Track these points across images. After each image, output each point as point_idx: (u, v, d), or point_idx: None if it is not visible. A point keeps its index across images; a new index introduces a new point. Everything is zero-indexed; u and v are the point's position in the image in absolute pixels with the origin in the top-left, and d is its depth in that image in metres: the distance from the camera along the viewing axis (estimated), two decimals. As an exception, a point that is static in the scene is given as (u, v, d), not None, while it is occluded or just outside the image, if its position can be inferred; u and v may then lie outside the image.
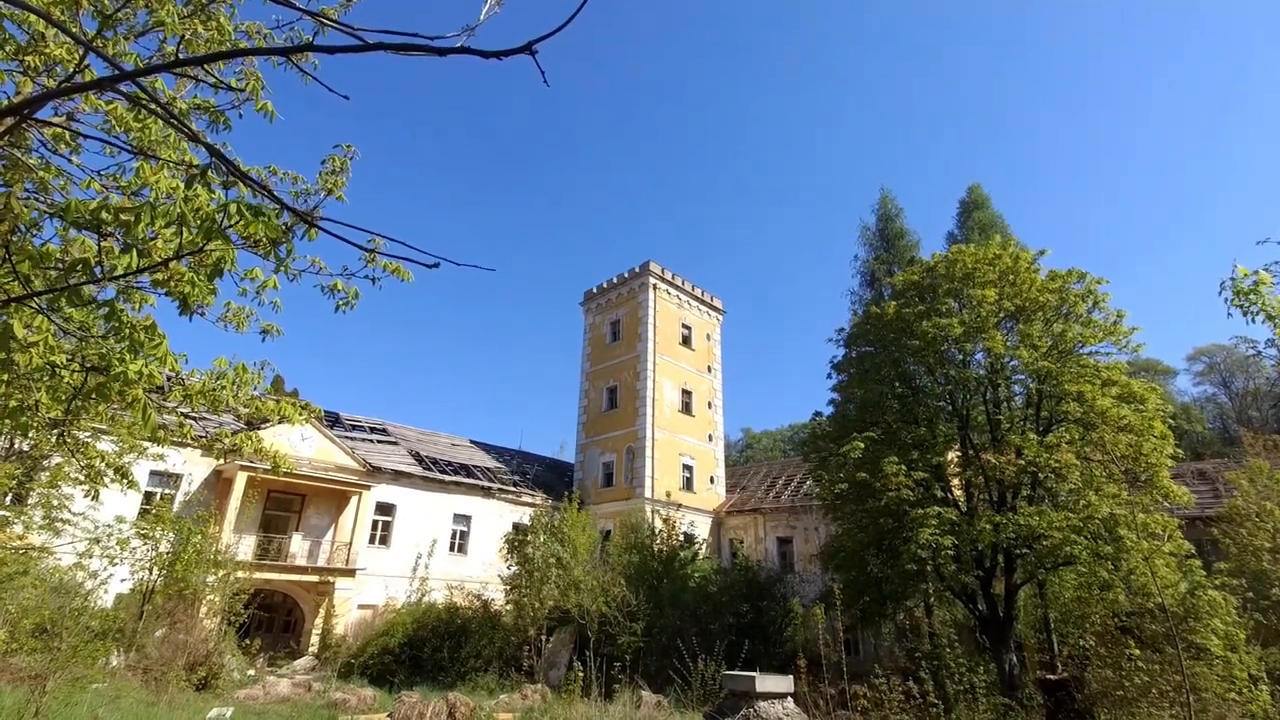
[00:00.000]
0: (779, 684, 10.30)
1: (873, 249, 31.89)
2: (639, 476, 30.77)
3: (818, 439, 19.41)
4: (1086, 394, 13.71)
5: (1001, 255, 15.84)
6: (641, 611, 18.50)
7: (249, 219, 3.24)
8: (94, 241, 3.67)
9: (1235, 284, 4.32)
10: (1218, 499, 18.45)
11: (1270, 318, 4.17)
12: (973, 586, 15.69)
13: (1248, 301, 4.25)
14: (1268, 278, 4.18)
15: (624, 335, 34.86)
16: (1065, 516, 13.18)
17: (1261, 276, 4.19)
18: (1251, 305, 4.24)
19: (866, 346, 18.65)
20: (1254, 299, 4.22)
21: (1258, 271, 4.21)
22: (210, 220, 3.34)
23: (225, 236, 3.35)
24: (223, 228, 3.28)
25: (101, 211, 3.42)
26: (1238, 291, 4.30)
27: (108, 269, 3.61)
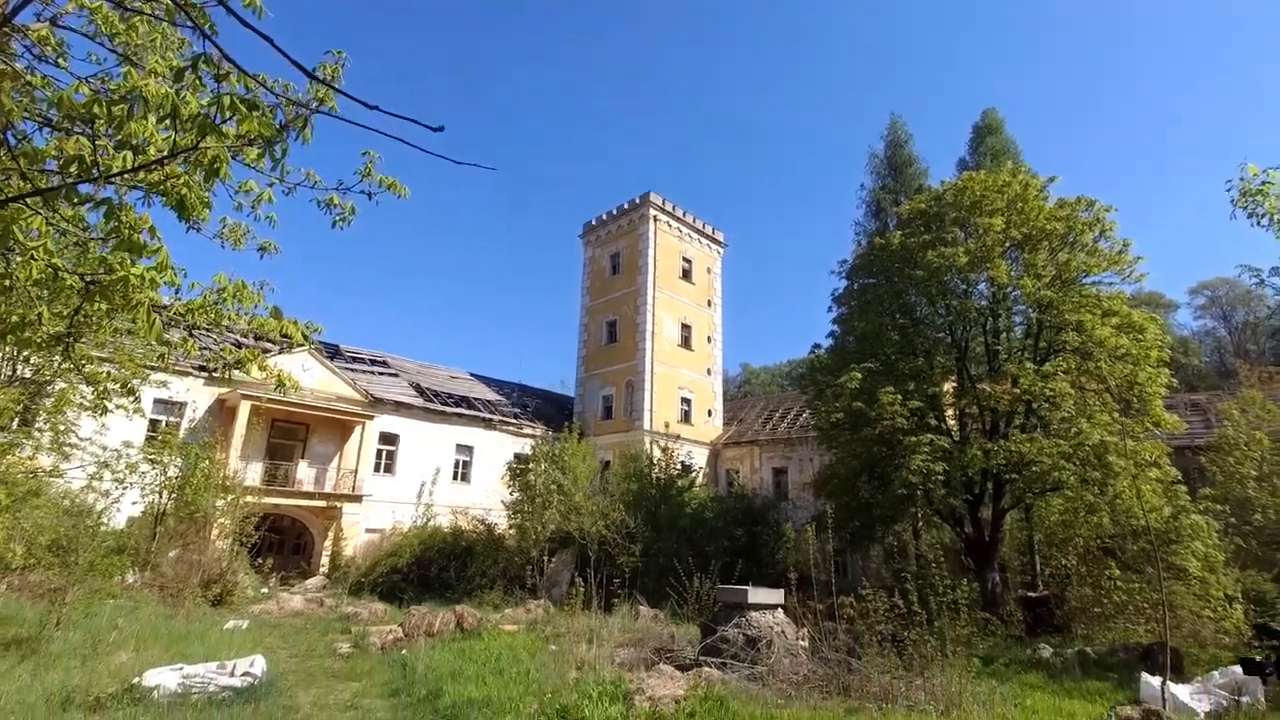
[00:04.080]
0: (770, 596, 10.80)
1: (880, 178, 31.11)
2: (638, 409, 31.16)
3: (816, 371, 19.58)
4: (1086, 323, 13.74)
5: (1011, 183, 15.50)
6: (640, 535, 19.14)
7: (243, 113, 3.12)
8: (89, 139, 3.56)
9: (1244, 184, 4.19)
10: (1209, 429, 18.80)
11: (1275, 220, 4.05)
12: (961, 511, 16.19)
13: (1253, 203, 4.13)
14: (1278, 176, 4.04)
15: (624, 268, 34.51)
16: (1056, 444, 13.47)
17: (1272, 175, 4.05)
18: (1258, 207, 4.12)
19: (869, 279, 18.53)
20: (1260, 199, 4.10)
21: (1268, 170, 4.07)
22: (203, 116, 3.22)
23: (220, 131, 3.24)
24: (216, 122, 3.17)
25: (94, 105, 3.29)
26: (1244, 192, 4.17)
27: (104, 168, 3.51)
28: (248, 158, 4.08)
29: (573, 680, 8.25)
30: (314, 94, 4.46)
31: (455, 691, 7.89)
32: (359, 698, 8.08)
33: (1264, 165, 4.32)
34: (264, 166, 3.95)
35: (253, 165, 4.12)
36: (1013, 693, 8.88)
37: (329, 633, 12.58)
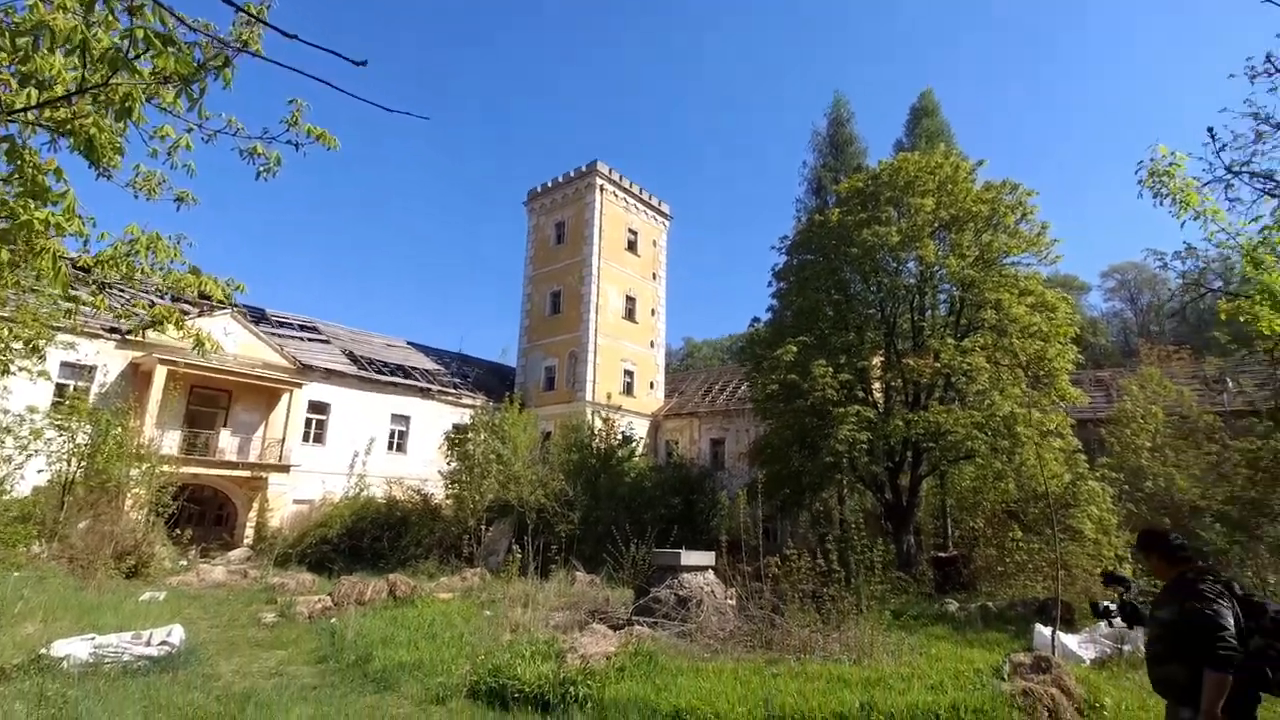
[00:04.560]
0: (702, 559, 11.24)
1: (821, 155, 31.73)
2: (580, 380, 31.20)
3: (755, 344, 20.09)
4: (1004, 302, 14.63)
5: (942, 165, 16.17)
6: (579, 503, 19.37)
7: (158, 48, 2.97)
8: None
9: (1153, 164, 4.49)
10: (1110, 403, 20.39)
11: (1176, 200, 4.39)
12: (882, 478, 17.13)
13: (1159, 183, 4.45)
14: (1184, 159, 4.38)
15: (569, 238, 34.15)
16: (970, 414, 14.39)
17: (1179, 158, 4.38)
18: (1163, 187, 4.45)
19: (808, 255, 19.03)
20: (1166, 180, 4.42)
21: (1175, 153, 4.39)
22: (114, 51, 3.04)
23: (132, 67, 3.07)
24: (129, 57, 3.00)
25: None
26: (1152, 172, 4.47)
27: (5, 104, 3.27)
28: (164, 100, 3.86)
29: (506, 642, 8.40)
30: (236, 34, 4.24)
31: (386, 656, 7.90)
32: (285, 665, 7.98)
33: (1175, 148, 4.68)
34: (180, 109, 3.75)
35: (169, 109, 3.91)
36: (920, 643, 9.61)
37: (253, 603, 12.28)
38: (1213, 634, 3.05)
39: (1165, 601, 3.40)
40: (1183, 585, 3.33)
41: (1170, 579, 3.45)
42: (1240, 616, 3.11)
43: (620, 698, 6.38)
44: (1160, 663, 3.36)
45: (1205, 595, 3.18)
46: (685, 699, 6.40)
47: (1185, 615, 3.19)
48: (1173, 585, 3.40)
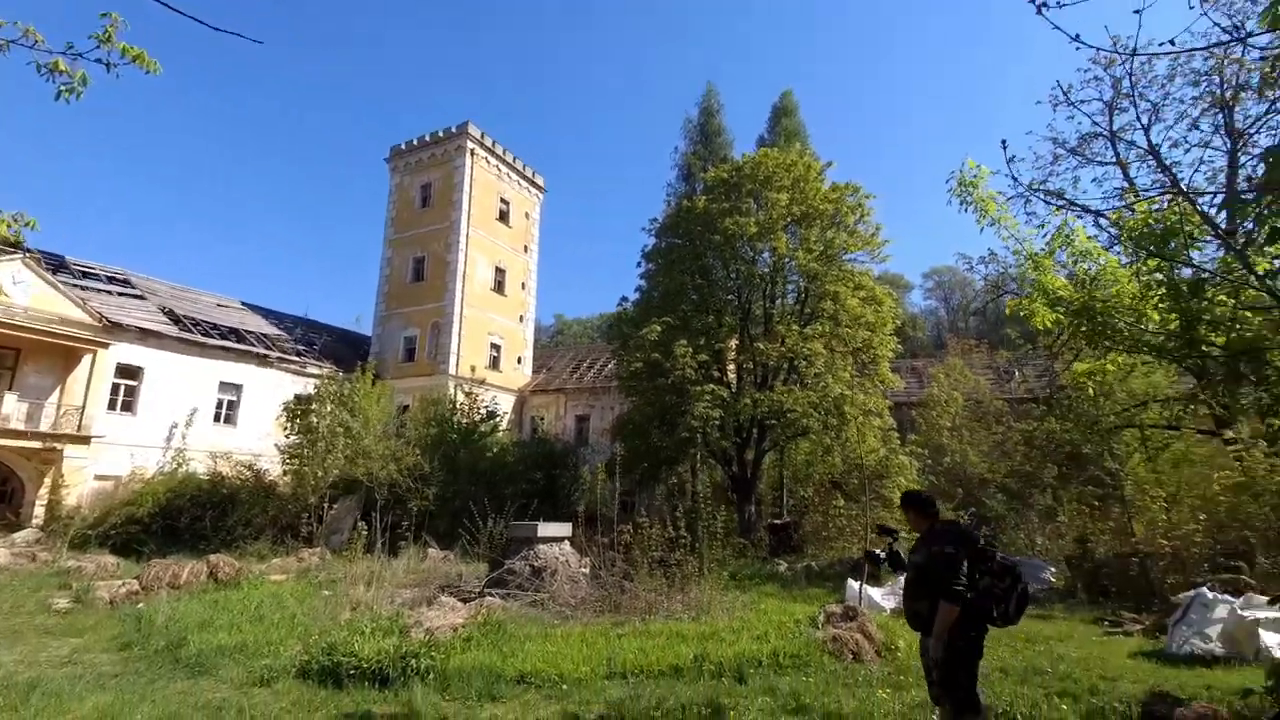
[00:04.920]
0: (558, 530, 11.44)
1: (692, 142, 32.68)
2: (444, 353, 30.02)
3: (622, 323, 20.53)
4: (841, 294, 16.18)
5: (797, 163, 17.43)
6: (435, 478, 18.81)
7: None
8: None
9: (961, 175, 5.17)
10: (921, 389, 23.29)
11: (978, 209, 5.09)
12: (731, 452, 18.36)
13: (966, 193, 5.14)
14: (987, 172, 5.06)
15: (435, 202, 32.46)
16: (808, 395, 15.82)
17: (982, 171, 5.06)
18: (969, 196, 5.14)
19: (675, 239, 19.69)
20: (972, 189, 5.11)
21: (980, 166, 5.07)
22: None
23: None
24: None
25: None
26: (961, 182, 5.15)
27: None
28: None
29: (345, 621, 8.07)
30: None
31: (203, 641, 7.27)
32: (80, 653, 7.10)
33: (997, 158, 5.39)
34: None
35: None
36: (752, 600, 10.54)
37: (43, 589, 10.72)
38: (948, 573, 3.70)
39: (918, 548, 4.08)
40: (932, 535, 4.00)
41: (924, 530, 4.11)
42: (973, 561, 3.78)
43: (465, 667, 6.40)
44: (912, 599, 4.04)
45: (947, 543, 3.84)
46: (531, 663, 6.56)
47: (932, 558, 3.84)
48: (925, 535, 4.08)
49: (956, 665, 3.73)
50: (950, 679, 3.75)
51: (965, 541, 3.86)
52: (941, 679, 3.80)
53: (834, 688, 6.19)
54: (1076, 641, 8.28)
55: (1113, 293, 4.18)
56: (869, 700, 5.72)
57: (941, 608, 3.67)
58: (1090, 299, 4.19)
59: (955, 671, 3.73)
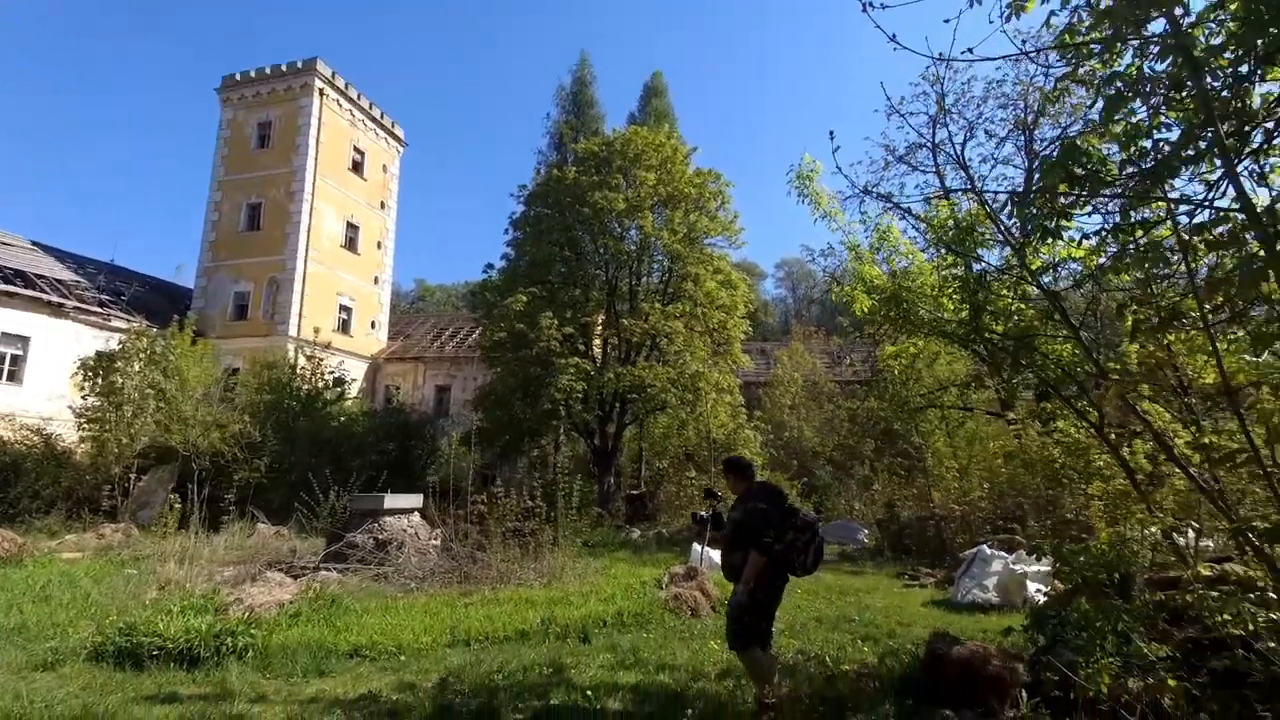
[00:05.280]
0: (407, 502, 11.03)
1: (565, 111, 32.18)
2: (283, 312, 27.34)
3: (487, 291, 19.96)
4: (701, 276, 16.91)
5: (665, 144, 17.82)
6: (268, 448, 17.27)
7: None
8: None
9: (800, 169, 5.58)
10: (769, 370, 25.13)
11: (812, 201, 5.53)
12: (593, 425, 18.66)
13: (803, 185, 5.56)
14: (820, 167, 5.50)
15: (276, 143, 29.19)
16: (667, 371, 16.47)
17: (817, 166, 5.50)
18: (805, 189, 5.57)
19: (545, 208, 19.36)
20: (807, 183, 5.53)
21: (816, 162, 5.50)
22: None
23: None
24: None
25: None
26: (799, 175, 5.57)
27: None
28: None
29: (151, 601, 7.24)
30: None
31: (-36, 625, 6.21)
32: None
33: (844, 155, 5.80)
34: None
35: None
36: (604, 565, 10.88)
37: None
38: (760, 528, 4.10)
39: (736, 507, 4.49)
40: (748, 494, 4.40)
41: (741, 491, 4.49)
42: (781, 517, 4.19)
43: (291, 643, 6.03)
44: (728, 552, 4.43)
45: (760, 500, 4.25)
46: (367, 636, 6.31)
47: (747, 514, 4.24)
48: (742, 495, 4.46)
49: (755, 610, 4.12)
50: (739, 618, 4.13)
51: (776, 500, 4.27)
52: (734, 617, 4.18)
53: (671, 641, 6.61)
54: (881, 593, 9.46)
55: (918, 284, 4.80)
56: (701, 651, 6.18)
57: (752, 557, 4.04)
58: (899, 289, 4.78)
59: (747, 614, 4.10)
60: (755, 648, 4.17)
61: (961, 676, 4.59)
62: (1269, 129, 3.08)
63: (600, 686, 5.13)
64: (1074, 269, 4.53)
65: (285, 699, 4.94)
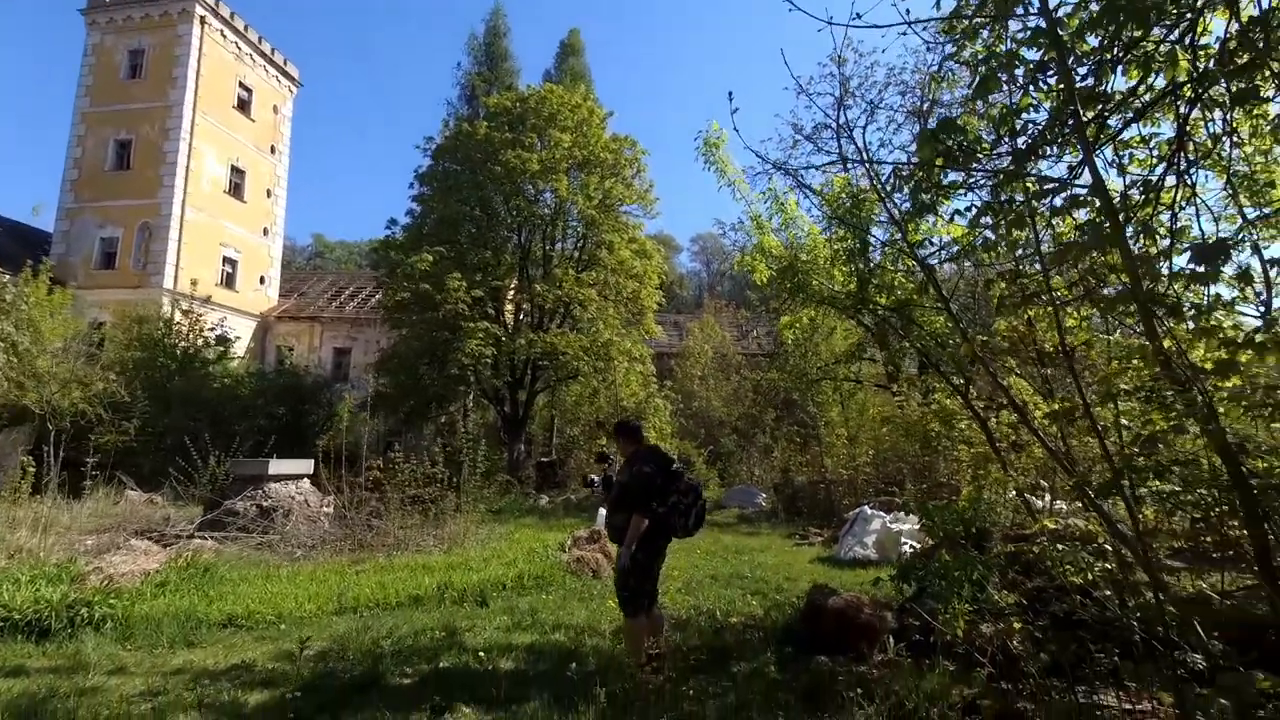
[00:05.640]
0: (295, 468, 10.45)
1: (477, 63, 30.62)
2: (157, 262, 24.82)
3: (390, 248, 18.97)
4: (615, 244, 16.81)
5: (582, 106, 17.39)
6: (139, 409, 15.82)
7: None
8: None
9: (707, 136, 5.58)
10: (681, 341, 25.55)
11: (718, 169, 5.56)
12: (504, 392, 18.33)
13: (711, 153, 5.58)
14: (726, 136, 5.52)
15: (150, 73, 26.10)
16: (580, 339, 16.37)
17: (723, 135, 5.51)
18: (712, 156, 5.58)
19: (454, 164, 18.50)
20: (714, 151, 5.55)
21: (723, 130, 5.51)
22: None
23: None
24: None
25: None
26: (706, 143, 5.57)
27: None
28: None
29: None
30: None
31: None
32: None
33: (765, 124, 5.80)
34: None
35: None
36: (509, 531, 10.81)
37: None
38: (644, 490, 4.15)
39: (623, 470, 4.53)
40: (635, 457, 4.43)
41: (629, 454, 4.52)
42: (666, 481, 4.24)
43: (157, 613, 5.61)
44: (612, 514, 4.47)
45: (646, 463, 4.28)
46: (244, 605, 5.97)
47: (633, 477, 4.28)
48: (629, 458, 4.49)
49: (638, 573, 4.17)
50: (625, 583, 4.19)
51: (660, 463, 4.32)
52: (621, 584, 4.25)
53: (570, 602, 6.68)
54: (773, 552, 9.97)
55: (812, 256, 4.97)
56: (599, 610, 6.29)
57: (633, 519, 4.08)
58: (794, 259, 4.93)
59: (631, 577, 4.16)
60: (642, 614, 4.23)
61: (837, 625, 4.92)
62: (1128, 117, 3.36)
63: (494, 648, 5.11)
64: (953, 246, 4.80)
65: (147, 671, 4.63)
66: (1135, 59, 2.95)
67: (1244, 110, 3.23)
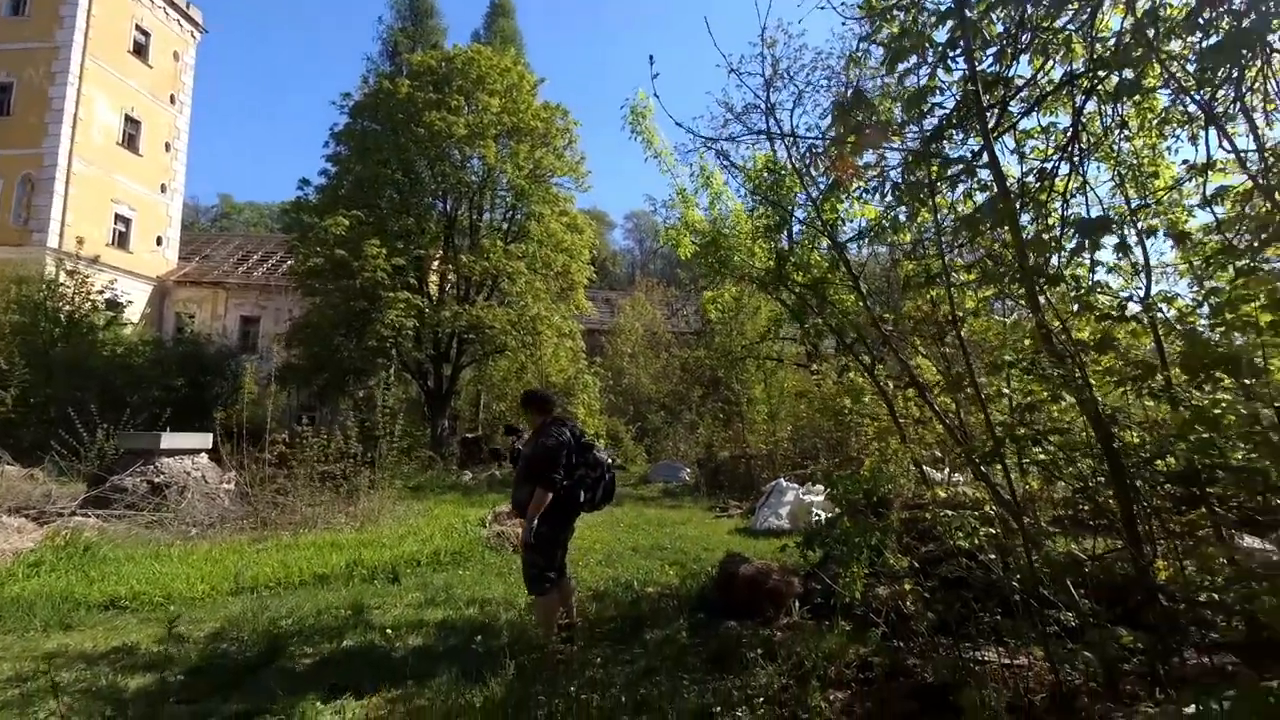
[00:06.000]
0: (192, 441, 9.82)
1: (401, 17, 29.05)
2: (40, 217, 22.43)
3: (302, 210, 17.90)
4: (546, 216, 16.45)
5: (512, 70, 16.79)
6: (17, 377, 14.42)
7: None
8: None
9: (634, 105, 5.45)
10: (612, 318, 25.50)
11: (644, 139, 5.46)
12: (427, 366, 17.76)
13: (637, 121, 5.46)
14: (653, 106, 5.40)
15: (34, 11, 23.33)
16: (508, 313, 16.01)
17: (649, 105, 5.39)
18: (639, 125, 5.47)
19: (374, 123, 17.53)
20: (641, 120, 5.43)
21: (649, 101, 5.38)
22: None
23: None
24: None
25: None
26: (633, 111, 5.45)
27: None
28: None
29: None
30: None
31: None
32: None
33: None
34: None
35: None
36: (428, 508, 10.54)
37: None
38: (549, 463, 3.99)
39: (530, 442, 4.37)
40: (543, 429, 4.27)
41: (537, 426, 4.36)
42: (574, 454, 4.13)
43: (29, 595, 5.14)
44: (518, 487, 4.30)
45: (553, 436, 4.13)
46: (129, 586, 5.56)
47: (536, 450, 4.14)
48: (537, 430, 4.33)
49: (541, 549, 4.05)
50: (531, 560, 4.08)
51: (568, 436, 4.16)
52: (527, 561, 4.13)
53: (487, 577, 6.58)
54: (694, 524, 10.17)
55: (735, 231, 5.00)
56: (517, 584, 6.16)
57: (536, 493, 3.94)
58: (717, 234, 4.94)
59: (536, 554, 4.05)
60: (552, 590, 4.12)
61: (748, 591, 5.07)
62: (1029, 104, 3.51)
63: (403, 625, 4.98)
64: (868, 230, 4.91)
65: (17, 655, 4.27)
66: (1037, 45, 3.08)
67: (1135, 105, 3.44)
